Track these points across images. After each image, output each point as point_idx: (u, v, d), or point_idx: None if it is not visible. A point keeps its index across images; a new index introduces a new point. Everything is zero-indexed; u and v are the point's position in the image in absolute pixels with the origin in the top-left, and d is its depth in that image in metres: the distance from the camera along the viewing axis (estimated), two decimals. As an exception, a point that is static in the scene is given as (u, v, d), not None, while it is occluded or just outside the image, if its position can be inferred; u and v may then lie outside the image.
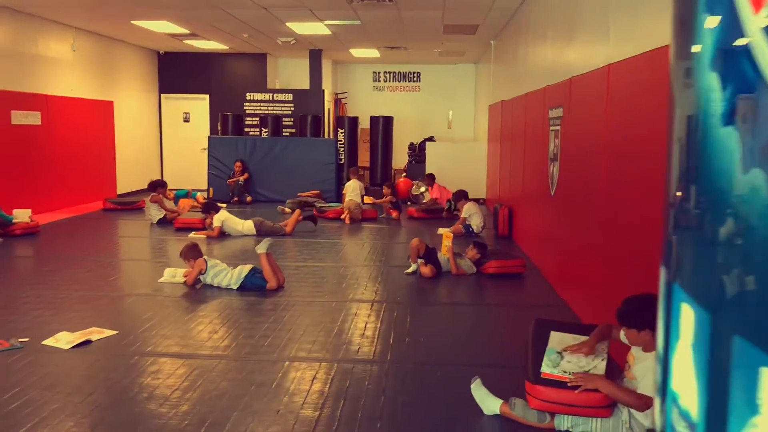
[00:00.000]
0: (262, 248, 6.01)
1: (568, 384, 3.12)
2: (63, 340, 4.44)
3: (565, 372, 3.17)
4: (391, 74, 16.65)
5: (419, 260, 6.69)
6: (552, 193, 6.31)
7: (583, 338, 3.40)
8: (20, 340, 4.43)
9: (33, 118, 10.34)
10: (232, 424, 3.28)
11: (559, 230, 6.09)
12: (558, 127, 6.11)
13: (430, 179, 11.78)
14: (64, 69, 11.37)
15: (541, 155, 6.90)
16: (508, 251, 7.68)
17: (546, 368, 3.21)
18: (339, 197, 12.25)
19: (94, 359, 4.20)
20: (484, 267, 6.74)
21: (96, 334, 4.60)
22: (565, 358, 3.22)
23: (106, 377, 3.91)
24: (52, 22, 10.86)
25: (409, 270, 6.74)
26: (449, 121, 16.41)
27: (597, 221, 4.75)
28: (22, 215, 8.80)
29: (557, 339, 3.36)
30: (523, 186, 8.24)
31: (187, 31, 11.70)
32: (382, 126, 13.52)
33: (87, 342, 4.44)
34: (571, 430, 3.23)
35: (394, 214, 10.61)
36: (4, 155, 9.66)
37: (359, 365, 4.16)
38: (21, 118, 10.03)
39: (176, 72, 15.04)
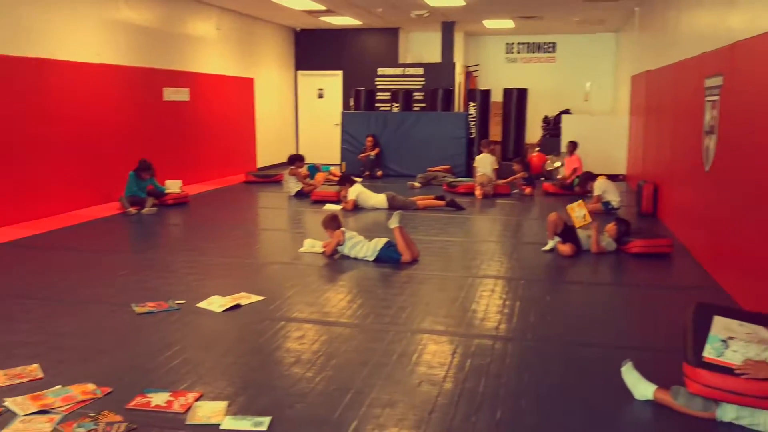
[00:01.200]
0: (394, 222, 6.05)
1: (735, 371, 2.89)
2: (215, 303, 4.70)
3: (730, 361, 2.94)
4: (525, 45, 16.14)
5: (556, 238, 6.48)
6: (707, 169, 5.86)
7: (752, 326, 3.12)
8: (177, 302, 4.74)
9: (182, 95, 10.99)
10: (377, 392, 3.32)
11: (714, 208, 5.65)
12: (716, 98, 5.64)
13: (572, 146, 11.20)
14: (209, 47, 11.97)
15: (693, 128, 6.42)
16: (652, 230, 7.26)
17: (708, 354, 2.99)
18: (469, 172, 12.11)
19: (243, 323, 4.41)
20: (628, 246, 6.41)
21: (245, 299, 4.83)
22: (731, 347, 2.98)
23: (255, 340, 4.09)
24: (198, 3, 11.44)
25: (547, 247, 6.54)
26: (586, 94, 15.71)
27: (764, 199, 4.35)
28: (173, 186, 9.43)
29: (721, 325, 3.11)
30: (671, 161, 7.72)
31: (323, 8, 11.92)
32: (516, 99, 13.16)
33: (237, 306, 4.68)
34: (735, 422, 3.00)
35: (528, 190, 10.34)
36: (158, 130, 10.35)
37: (499, 342, 4.09)
38: (172, 94, 10.69)
39: (311, 49, 15.43)
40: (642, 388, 3.26)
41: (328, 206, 9.11)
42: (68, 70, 8.39)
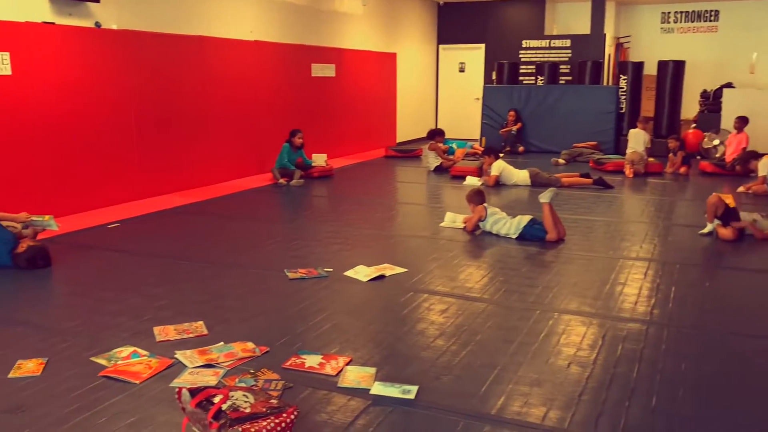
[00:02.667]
0: (545, 198, 5.88)
1: None
2: (361, 272, 4.83)
3: None
4: (683, 14, 15.02)
5: (716, 221, 6.03)
6: None
7: None
8: (326, 269, 4.92)
9: (328, 71, 11.29)
10: (523, 371, 3.27)
11: None
12: None
13: (741, 122, 10.32)
14: (354, 23, 12.20)
15: None
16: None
17: None
18: (618, 149, 11.55)
19: (388, 293, 4.50)
20: (801, 232, 5.85)
21: (389, 270, 4.93)
22: None
23: (399, 311, 4.16)
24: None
25: (705, 230, 6.11)
26: (752, 65, 14.38)
27: None
28: (319, 159, 9.76)
29: None
30: None
31: (467, -20, 11.75)
32: (671, 72, 12.31)
33: (381, 276, 4.78)
34: None
35: (683, 170, 9.69)
36: (305, 105, 10.73)
37: (653, 327, 3.88)
38: (319, 70, 11.02)
39: (454, 22, 15.30)
40: (820, 387, 2.97)
41: (469, 180, 9.05)
42: (225, 46, 8.87)
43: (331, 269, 4.95)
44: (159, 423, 2.75)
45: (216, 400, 2.53)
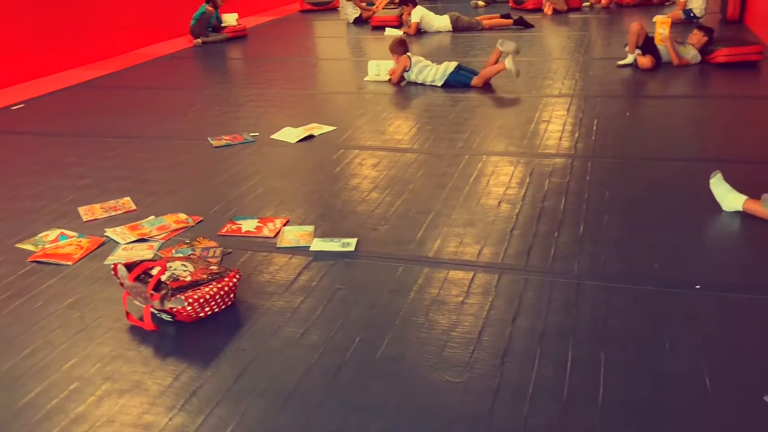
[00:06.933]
0: (509, 47, 5.70)
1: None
2: (289, 134, 4.73)
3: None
4: None
5: (636, 51, 6.11)
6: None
7: None
8: (252, 134, 4.79)
9: None
10: (457, 213, 3.35)
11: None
12: None
13: None
14: None
15: None
16: (739, 37, 6.74)
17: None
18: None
19: (318, 152, 4.44)
20: (712, 56, 6.01)
21: (316, 129, 4.83)
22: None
23: (331, 169, 4.13)
24: None
25: (624, 62, 6.20)
26: None
27: None
28: (229, 19, 9.21)
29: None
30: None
31: None
32: None
33: (310, 137, 4.70)
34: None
35: (603, 2, 9.64)
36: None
37: (578, 160, 4.01)
38: None
39: None
40: (730, 200, 3.17)
41: (389, 31, 8.78)
42: None
43: (257, 133, 4.81)
44: (99, 300, 2.71)
45: (154, 272, 2.50)
